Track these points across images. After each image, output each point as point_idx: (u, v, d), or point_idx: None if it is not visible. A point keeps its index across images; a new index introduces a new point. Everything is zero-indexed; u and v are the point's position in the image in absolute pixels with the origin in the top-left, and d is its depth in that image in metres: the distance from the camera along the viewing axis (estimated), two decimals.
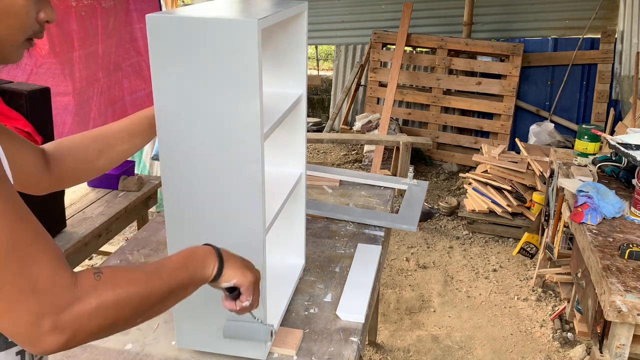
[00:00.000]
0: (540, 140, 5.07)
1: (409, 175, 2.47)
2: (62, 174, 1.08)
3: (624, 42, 5.21)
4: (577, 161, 2.94)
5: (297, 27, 1.48)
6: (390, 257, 3.79)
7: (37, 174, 1.02)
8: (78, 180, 1.14)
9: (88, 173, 1.14)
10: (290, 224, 1.67)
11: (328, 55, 10.87)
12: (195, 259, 0.91)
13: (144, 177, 3.00)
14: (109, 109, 3.03)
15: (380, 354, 2.81)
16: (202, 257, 0.92)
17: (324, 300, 1.57)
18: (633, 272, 1.86)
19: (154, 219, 2.10)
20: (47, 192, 1.08)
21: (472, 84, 5.40)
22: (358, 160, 5.76)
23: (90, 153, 1.11)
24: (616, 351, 1.80)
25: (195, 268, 0.90)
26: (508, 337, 2.96)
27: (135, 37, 3.18)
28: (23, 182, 0.99)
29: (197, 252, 0.93)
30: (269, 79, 1.55)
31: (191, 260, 0.90)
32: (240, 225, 1.17)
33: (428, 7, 5.95)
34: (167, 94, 1.09)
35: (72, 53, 2.67)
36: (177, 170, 1.15)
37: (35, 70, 2.52)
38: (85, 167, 1.12)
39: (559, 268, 3.09)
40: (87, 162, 1.11)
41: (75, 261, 2.32)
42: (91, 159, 1.12)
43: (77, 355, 1.32)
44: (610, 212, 2.24)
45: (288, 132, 1.59)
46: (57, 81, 2.63)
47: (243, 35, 1.02)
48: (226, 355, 1.31)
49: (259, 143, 1.10)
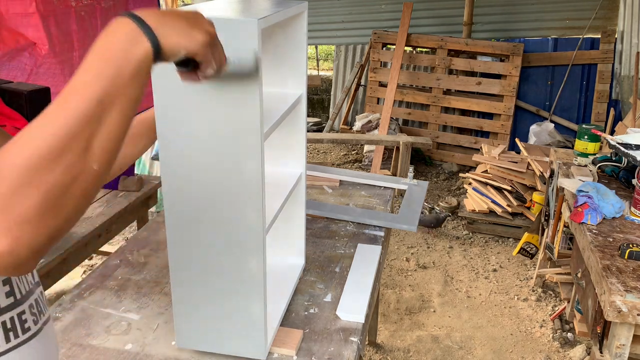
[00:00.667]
0: (540, 140, 5.07)
1: (409, 175, 2.47)
2: None
3: (624, 42, 5.21)
4: (577, 161, 2.93)
5: (297, 27, 1.48)
6: (390, 257, 3.78)
7: None
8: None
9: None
10: (290, 224, 1.67)
11: (328, 55, 10.87)
12: (113, 46, 0.64)
13: (144, 177, 3.00)
14: None
15: (380, 354, 2.81)
16: (123, 40, 0.64)
17: (324, 300, 1.57)
18: (633, 272, 1.86)
19: (154, 219, 2.10)
20: None
21: (472, 84, 5.40)
22: (358, 160, 5.76)
23: None
24: (616, 351, 1.80)
25: (118, 57, 0.63)
26: (508, 337, 2.96)
27: None
28: None
29: (112, 39, 0.64)
30: (269, 79, 1.55)
31: (109, 51, 0.63)
32: (240, 225, 1.17)
33: (428, 7, 5.95)
34: (167, 94, 1.09)
35: (72, 53, 2.67)
36: (177, 170, 1.15)
37: (35, 70, 2.52)
38: None
39: (559, 268, 3.09)
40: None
41: (75, 261, 2.31)
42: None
43: (77, 355, 1.32)
44: (610, 212, 2.24)
45: (288, 132, 1.59)
46: (57, 81, 2.63)
47: (243, 35, 1.02)
48: (226, 355, 1.31)
49: (259, 143, 1.10)
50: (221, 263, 1.20)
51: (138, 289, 1.62)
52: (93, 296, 1.57)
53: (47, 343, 0.81)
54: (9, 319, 0.74)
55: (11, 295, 0.75)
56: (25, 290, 0.78)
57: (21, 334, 0.75)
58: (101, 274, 1.69)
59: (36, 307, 0.80)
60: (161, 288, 1.62)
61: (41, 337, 0.79)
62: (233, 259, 1.19)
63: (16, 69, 2.46)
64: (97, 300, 1.55)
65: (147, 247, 1.87)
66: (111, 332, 1.41)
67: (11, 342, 0.74)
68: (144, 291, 1.60)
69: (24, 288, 0.77)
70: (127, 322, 1.45)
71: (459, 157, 5.48)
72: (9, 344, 0.74)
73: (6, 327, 0.73)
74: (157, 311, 1.51)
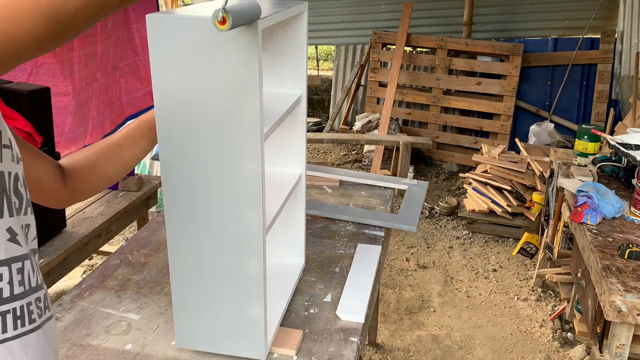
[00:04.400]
0: (540, 140, 5.07)
1: (409, 175, 2.47)
2: (75, 186, 1.12)
3: (623, 42, 5.21)
4: (577, 161, 2.94)
5: (297, 27, 1.48)
6: (390, 257, 3.79)
7: (53, 186, 1.07)
8: (94, 190, 1.17)
9: (99, 182, 1.17)
10: (290, 224, 1.67)
11: (328, 55, 10.87)
12: None
13: (144, 177, 3.00)
14: (107, 109, 3.03)
15: (380, 354, 2.81)
16: None
17: (324, 300, 1.57)
18: (633, 272, 1.86)
19: (154, 219, 2.10)
20: (66, 204, 1.13)
21: (472, 84, 5.40)
22: (358, 160, 5.76)
23: (98, 162, 1.16)
24: (616, 351, 1.80)
25: None
26: (508, 337, 2.96)
27: (132, 36, 3.18)
28: (39, 192, 1.04)
29: None
30: (269, 79, 1.55)
31: None
32: (240, 225, 1.17)
33: (428, 7, 5.95)
34: (167, 94, 1.09)
35: (72, 53, 2.67)
36: (177, 170, 1.15)
37: (35, 70, 2.51)
38: (95, 177, 1.16)
39: (559, 268, 3.09)
40: (96, 171, 1.16)
41: (75, 261, 2.32)
42: (99, 167, 1.16)
43: (77, 355, 1.32)
44: (610, 212, 2.24)
45: (288, 132, 1.59)
46: (57, 81, 2.62)
47: (243, 35, 1.02)
48: (226, 355, 1.31)
49: (259, 143, 1.10)
50: (221, 263, 1.20)
51: (138, 289, 1.62)
52: (93, 296, 1.57)
53: (49, 338, 0.83)
54: (19, 306, 0.77)
55: (22, 285, 0.77)
56: (35, 283, 0.80)
57: (27, 324, 0.78)
58: (101, 274, 1.69)
59: (43, 301, 0.82)
60: (161, 288, 1.62)
61: (43, 332, 0.81)
62: (233, 259, 1.19)
63: (16, 69, 2.46)
64: (97, 300, 1.55)
65: (147, 247, 1.87)
66: (111, 332, 1.41)
67: (17, 330, 0.76)
68: (144, 291, 1.60)
69: (34, 281, 0.80)
70: (127, 322, 1.45)
71: (459, 157, 5.48)
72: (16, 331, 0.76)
73: (16, 314, 0.76)
74: (157, 311, 1.51)
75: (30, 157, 1.01)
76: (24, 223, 0.78)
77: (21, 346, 0.76)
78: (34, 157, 1.02)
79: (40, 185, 1.04)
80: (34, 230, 0.82)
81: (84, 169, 1.14)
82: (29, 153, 1.01)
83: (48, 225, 2.25)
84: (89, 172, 1.14)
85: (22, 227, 0.77)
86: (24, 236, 0.78)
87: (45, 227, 2.23)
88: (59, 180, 1.08)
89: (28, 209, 0.80)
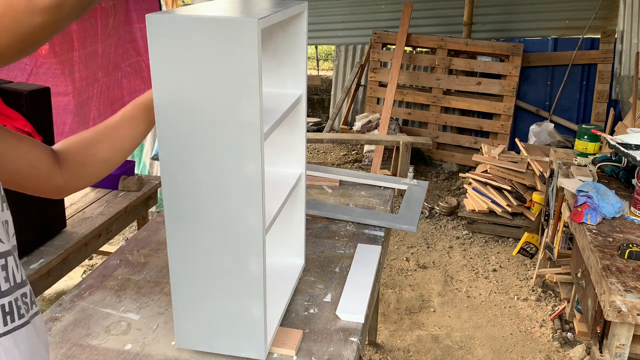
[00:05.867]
0: (540, 140, 5.07)
1: (409, 175, 2.47)
2: (72, 171, 1.07)
3: (623, 42, 5.21)
4: (577, 161, 2.94)
5: (297, 27, 1.48)
6: (390, 257, 3.79)
7: (48, 171, 1.02)
8: (92, 177, 1.12)
9: (97, 167, 1.12)
10: (290, 224, 1.67)
11: (328, 55, 10.87)
12: None
13: (144, 177, 3.00)
14: (109, 109, 3.03)
15: (380, 354, 2.81)
16: None
17: (324, 300, 1.57)
18: (633, 272, 1.86)
19: (154, 219, 2.10)
20: (65, 193, 1.08)
21: (472, 84, 5.40)
22: (358, 160, 5.76)
23: (95, 145, 1.11)
24: (616, 351, 1.80)
25: None
26: (508, 337, 2.97)
27: (134, 36, 3.18)
28: (34, 181, 0.99)
29: None
30: (269, 79, 1.55)
31: None
32: (240, 225, 1.17)
33: (428, 7, 5.95)
34: (167, 93, 1.09)
35: (72, 53, 2.67)
36: (177, 170, 1.15)
37: (35, 70, 2.51)
38: (92, 161, 1.11)
39: (559, 268, 3.09)
40: (93, 155, 1.11)
41: (75, 261, 2.32)
42: (96, 150, 1.11)
43: (77, 355, 1.32)
44: (610, 212, 2.24)
45: (288, 132, 1.59)
46: (57, 81, 2.63)
47: (243, 35, 1.02)
48: (226, 355, 1.31)
49: (258, 143, 1.10)
50: (221, 263, 1.20)
51: (138, 289, 1.62)
52: (93, 296, 1.57)
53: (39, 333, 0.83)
54: (7, 303, 0.76)
55: (7, 282, 0.77)
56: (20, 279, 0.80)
57: (17, 319, 0.78)
58: (101, 274, 1.69)
59: (29, 297, 0.82)
60: (161, 288, 1.62)
61: (32, 327, 0.81)
62: (233, 259, 1.19)
63: (16, 69, 2.46)
64: (97, 300, 1.55)
65: (147, 247, 1.87)
66: (111, 332, 1.41)
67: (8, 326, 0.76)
68: (144, 291, 1.60)
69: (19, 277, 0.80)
70: (127, 322, 1.45)
71: (459, 157, 5.48)
72: (6, 327, 0.76)
73: (5, 310, 0.76)
74: (157, 311, 1.51)
75: (18, 144, 0.95)
76: (2, 219, 0.77)
77: (13, 342, 0.76)
78: (22, 144, 0.96)
79: (33, 172, 0.98)
80: (12, 226, 0.81)
81: (79, 152, 1.09)
82: (16, 140, 0.95)
83: (48, 225, 2.25)
84: (86, 156, 1.09)
85: (2, 224, 0.76)
86: (5, 232, 0.77)
87: (45, 227, 2.23)
88: (53, 165, 1.03)
89: (4, 205, 0.78)
